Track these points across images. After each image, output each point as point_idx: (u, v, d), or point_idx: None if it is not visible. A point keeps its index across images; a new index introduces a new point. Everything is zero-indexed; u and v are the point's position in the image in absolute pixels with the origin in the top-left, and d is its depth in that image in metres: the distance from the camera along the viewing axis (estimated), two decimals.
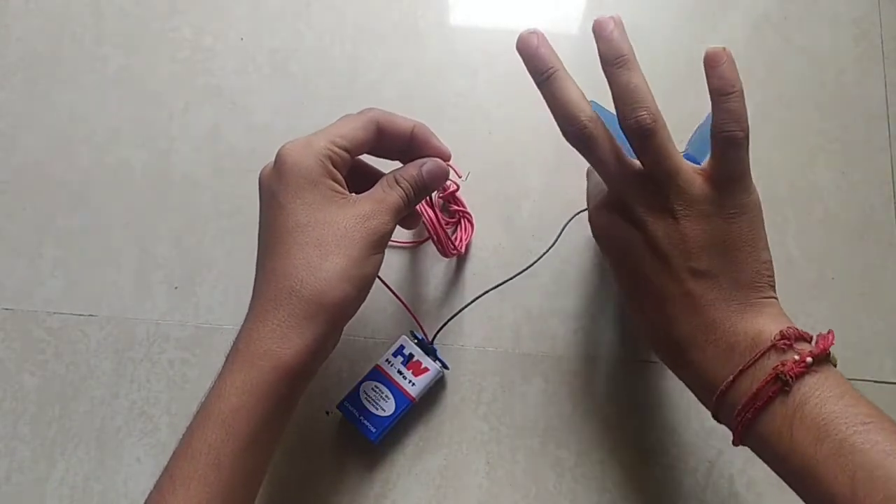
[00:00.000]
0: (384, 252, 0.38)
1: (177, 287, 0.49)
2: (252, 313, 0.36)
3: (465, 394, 0.47)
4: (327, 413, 0.46)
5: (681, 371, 0.38)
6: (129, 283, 0.49)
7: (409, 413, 0.45)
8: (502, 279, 0.45)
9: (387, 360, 0.44)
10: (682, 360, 0.36)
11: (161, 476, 0.34)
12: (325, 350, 0.37)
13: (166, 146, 0.52)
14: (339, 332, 0.39)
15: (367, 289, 0.38)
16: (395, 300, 0.46)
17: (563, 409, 0.47)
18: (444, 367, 0.46)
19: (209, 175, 0.52)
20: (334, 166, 0.37)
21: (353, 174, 0.40)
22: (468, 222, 0.49)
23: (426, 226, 0.45)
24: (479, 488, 0.45)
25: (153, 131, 0.52)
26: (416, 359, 0.44)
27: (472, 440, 0.46)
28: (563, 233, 0.46)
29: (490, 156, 0.52)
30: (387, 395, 0.44)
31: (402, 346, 0.45)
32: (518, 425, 0.46)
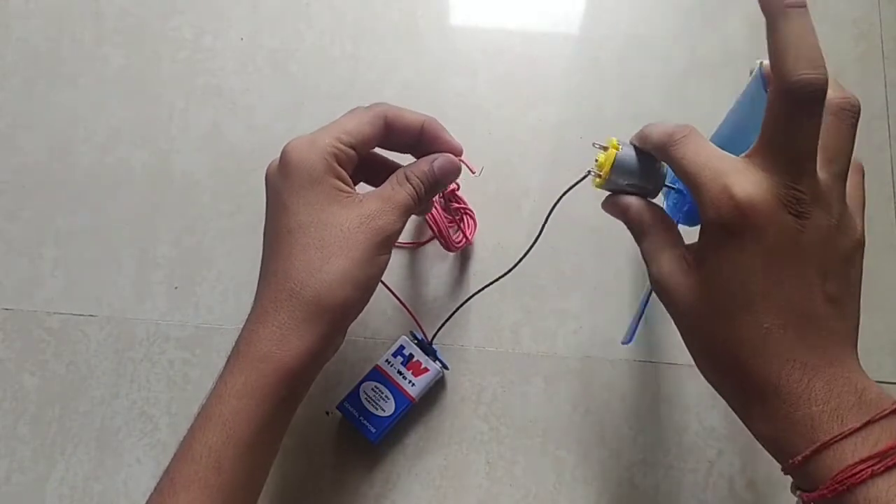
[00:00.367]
0: (390, 253, 0.37)
1: (177, 287, 0.49)
2: (253, 314, 0.36)
3: (465, 394, 0.47)
4: (327, 413, 0.46)
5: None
6: (129, 283, 0.49)
7: (409, 413, 0.45)
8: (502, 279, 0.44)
9: (387, 361, 0.44)
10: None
11: (161, 478, 0.34)
12: (327, 352, 0.37)
13: (166, 146, 0.52)
14: (342, 334, 0.38)
15: (371, 291, 0.37)
16: (395, 300, 0.46)
17: (563, 409, 0.47)
18: (444, 367, 0.46)
19: (209, 175, 0.52)
20: (339, 164, 0.36)
21: (369, 167, 0.40)
22: (471, 218, 0.49)
23: (429, 222, 0.45)
24: (479, 488, 0.45)
25: (153, 131, 0.52)
26: (415, 359, 0.44)
27: (472, 440, 0.46)
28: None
29: (490, 156, 0.52)
30: (387, 396, 0.44)
31: (401, 347, 0.45)
32: (518, 425, 0.46)
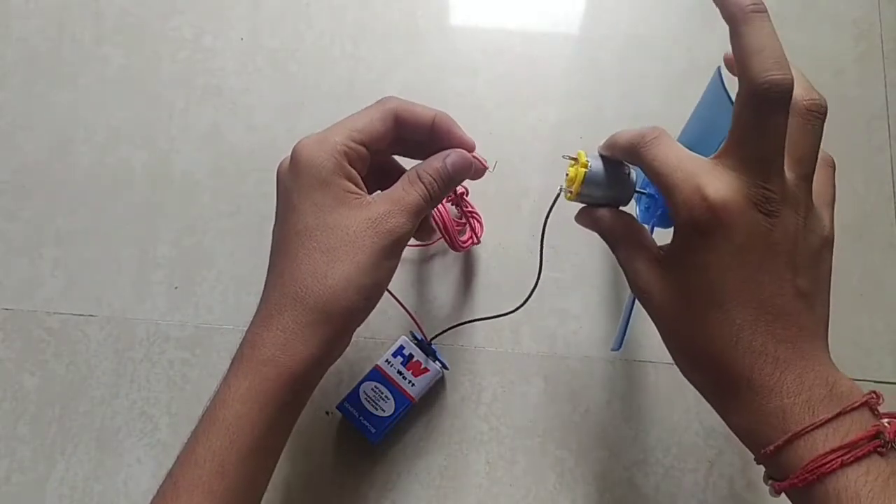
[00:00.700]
0: (399, 257, 0.36)
1: (177, 287, 0.49)
2: (258, 316, 0.35)
3: (465, 394, 0.47)
4: (327, 413, 0.46)
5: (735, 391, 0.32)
6: (129, 283, 0.49)
7: (409, 413, 0.45)
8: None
9: (387, 361, 0.44)
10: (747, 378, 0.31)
11: (164, 482, 0.34)
12: (332, 357, 0.36)
13: (166, 146, 0.52)
14: (347, 339, 0.37)
15: (377, 296, 0.36)
16: (394, 301, 0.46)
17: (563, 409, 0.47)
18: (444, 367, 0.46)
19: (209, 175, 0.52)
20: (350, 163, 0.35)
21: (386, 174, 0.39)
22: (478, 222, 0.48)
23: (435, 219, 0.44)
24: (479, 488, 0.45)
25: (153, 131, 0.52)
26: (415, 359, 0.44)
27: (472, 440, 0.46)
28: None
29: (490, 156, 0.51)
30: (387, 396, 0.44)
31: (401, 347, 0.45)
32: (518, 425, 0.46)
